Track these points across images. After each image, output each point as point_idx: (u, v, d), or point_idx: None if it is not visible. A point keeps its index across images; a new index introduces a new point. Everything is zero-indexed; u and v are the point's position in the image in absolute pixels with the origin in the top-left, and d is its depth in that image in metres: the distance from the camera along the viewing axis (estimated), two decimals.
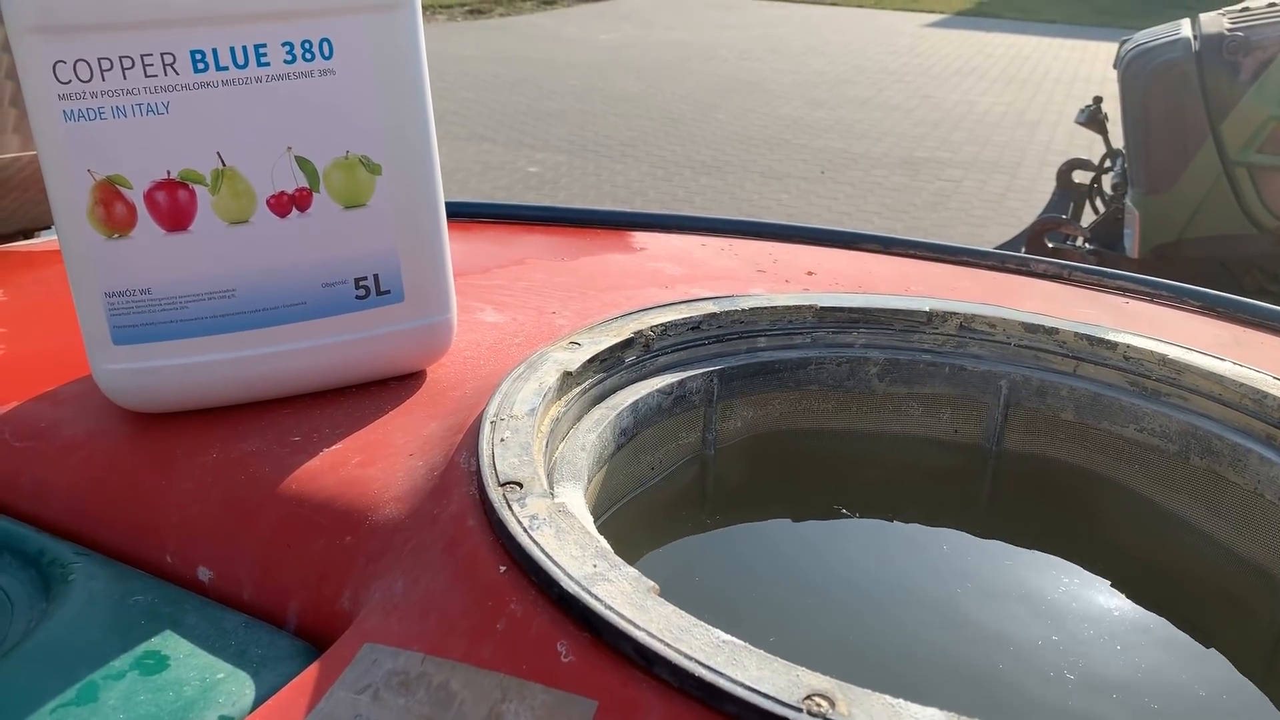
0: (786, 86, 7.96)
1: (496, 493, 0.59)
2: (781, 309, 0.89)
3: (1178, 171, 3.22)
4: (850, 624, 0.73)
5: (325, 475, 0.68)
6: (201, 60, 0.67)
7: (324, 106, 0.70)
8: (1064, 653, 0.68)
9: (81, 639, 0.59)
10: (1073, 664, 0.68)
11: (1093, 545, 0.81)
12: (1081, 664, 0.68)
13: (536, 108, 7.16)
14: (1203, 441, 0.79)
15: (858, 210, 5.11)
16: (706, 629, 0.49)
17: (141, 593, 0.64)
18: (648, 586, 0.52)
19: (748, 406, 0.88)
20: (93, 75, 0.65)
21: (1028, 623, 0.72)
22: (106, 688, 0.56)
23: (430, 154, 0.75)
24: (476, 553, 0.57)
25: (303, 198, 0.71)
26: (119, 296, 0.70)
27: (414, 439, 0.71)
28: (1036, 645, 0.69)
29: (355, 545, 0.63)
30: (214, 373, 0.73)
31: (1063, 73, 8.46)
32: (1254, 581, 0.75)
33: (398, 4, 0.70)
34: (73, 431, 0.74)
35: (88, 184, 0.67)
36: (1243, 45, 3.09)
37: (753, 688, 0.45)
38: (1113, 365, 0.84)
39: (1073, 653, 0.68)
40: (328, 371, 0.77)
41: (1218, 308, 1.01)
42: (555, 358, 0.77)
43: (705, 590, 0.75)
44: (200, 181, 0.69)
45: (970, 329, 0.89)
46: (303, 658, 0.59)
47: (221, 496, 0.68)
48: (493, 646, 0.52)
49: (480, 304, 0.95)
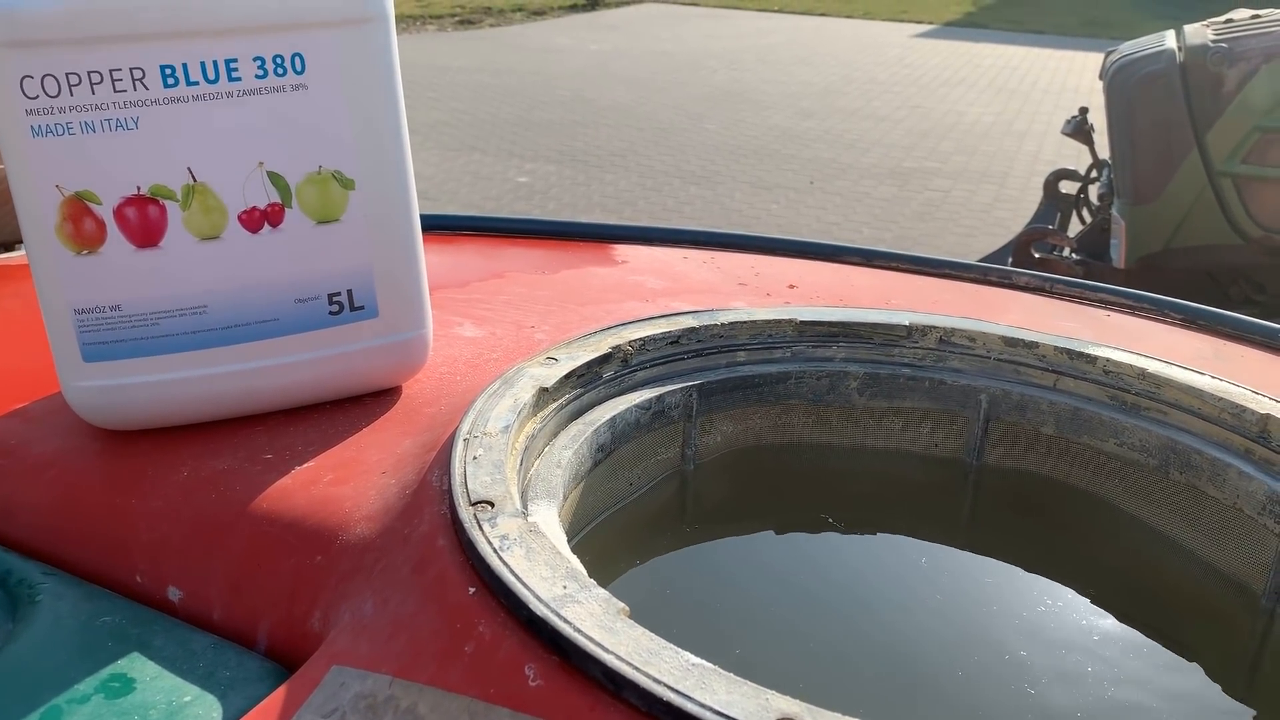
0: (775, 97, 7.98)
1: (467, 512, 0.59)
2: (761, 323, 0.88)
3: (1163, 182, 3.23)
4: (828, 640, 0.72)
5: (297, 494, 0.67)
6: (171, 75, 0.66)
7: (296, 121, 0.69)
8: (1043, 667, 0.68)
9: (47, 662, 0.58)
10: (1052, 678, 0.67)
11: (1072, 559, 0.81)
12: (1060, 678, 0.67)
13: (526, 118, 7.16)
14: (1182, 456, 0.78)
15: (846, 220, 5.12)
16: (676, 651, 0.49)
17: (109, 614, 0.63)
18: (618, 608, 0.51)
19: (727, 421, 0.88)
20: (61, 90, 0.64)
21: (1007, 637, 0.71)
22: (71, 712, 0.55)
23: (404, 168, 0.75)
24: (446, 573, 0.56)
25: (275, 213, 0.71)
26: (89, 313, 0.69)
27: (387, 457, 0.70)
28: (1015, 659, 0.69)
29: (326, 565, 0.62)
30: (185, 390, 0.72)
31: (1051, 83, 8.49)
32: (1233, 595, 0.75)
33: (370, 17, 0.70)
34: (42, 449, 0.73)
35: (56, 200, 0.67)
36: (1227, 56, 3.11)
37: (721, 712, 0.45)
38: (1093, 379, 0.84)
39: (1052, 667, 0.68)
40: (301, 388, 0.76)
41: (1198, 320, 1.00)
42: (531, 373, 0.76)
43: (683, 607, 0.75)
44: (171, 197, 0.68)
45: (950, 343, 0.89)
46: (271, 679, 0.58)
47: (192, 515, 0.67)
48: (461, 669, 0.51)
49: (458, 318, 0.94)
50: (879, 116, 7.36)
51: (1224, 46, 3.13)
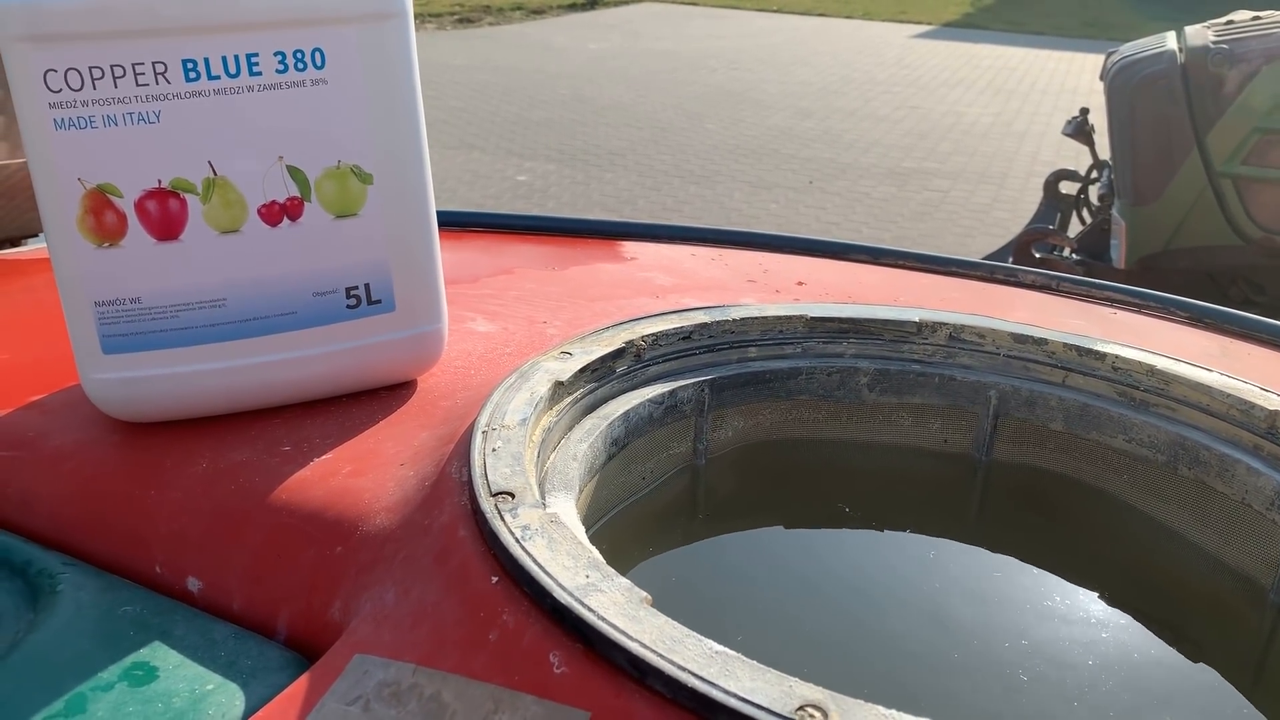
0: (775, 97, 7.99)
1: (488, 503, 0.59)
2: (772, 319, 0.89)
3: (1164, 183, 3.24)
4: (839, 634, 0.73)
5: (316, 485, 0.68)
6: (193, 69, 0.66)
7: (316, 116, 0.70)
8: (1050, 662, 0.69)
9: (69, 650, 0.59)
10: (1061, 674, 0.68)
11: (1081, 555, 0.81)
12: (1068, 673, 0.68)
13: (525, 116, 7.17)
14: (1191, 452, 0.79)
15: (845, 220, 5.13)
16: (699, 640, 0.49)
17: (130, 603, 0.64)
18: (640, 597, 0.52)
19: (738, 416, 0.88)
20: (84, 84, 0.65)
21: (1014, 632, 0.72)
22: (95, 699, 0.55)
23: (422, 163, 0.75)
24: (468, 563, 0.57)
25: (294, 207, 0.71)
26: (108, 306, 0.70)
27: (405, 449, 0.71)
28: (1021, 654, 0.69)
29: (346, 555, 0.63)
30: (204, 382, 0.73)
31: (1049, 84, 8.51)
32: (1241, 591, 0.76)
33: (390, 14, 0.71)
34: (61, 441, 0.74)
35: (78, 193, 0.67)
36: (1228, 58, 3.12)
37: (745, 698, 0.45)
38: (1101, 376, 0.85)
39: (1059, 662, 0.69)
40: (318, 381, 0.77)
41: (1205, 319, 1.01)
42: (547, 367, 0.77)
43: (696, 600, 0.75)
44: (191, 190, 0.69)
45: (960, 339, 0.89)
46: (292, 669, 0.59)
47: (211, 506, 0.68)
48: (485, 657, 0.52)
49: (471, 313, 0.94)
50: (878, 117, 7.37)
51: (1225, 48, 3.14)
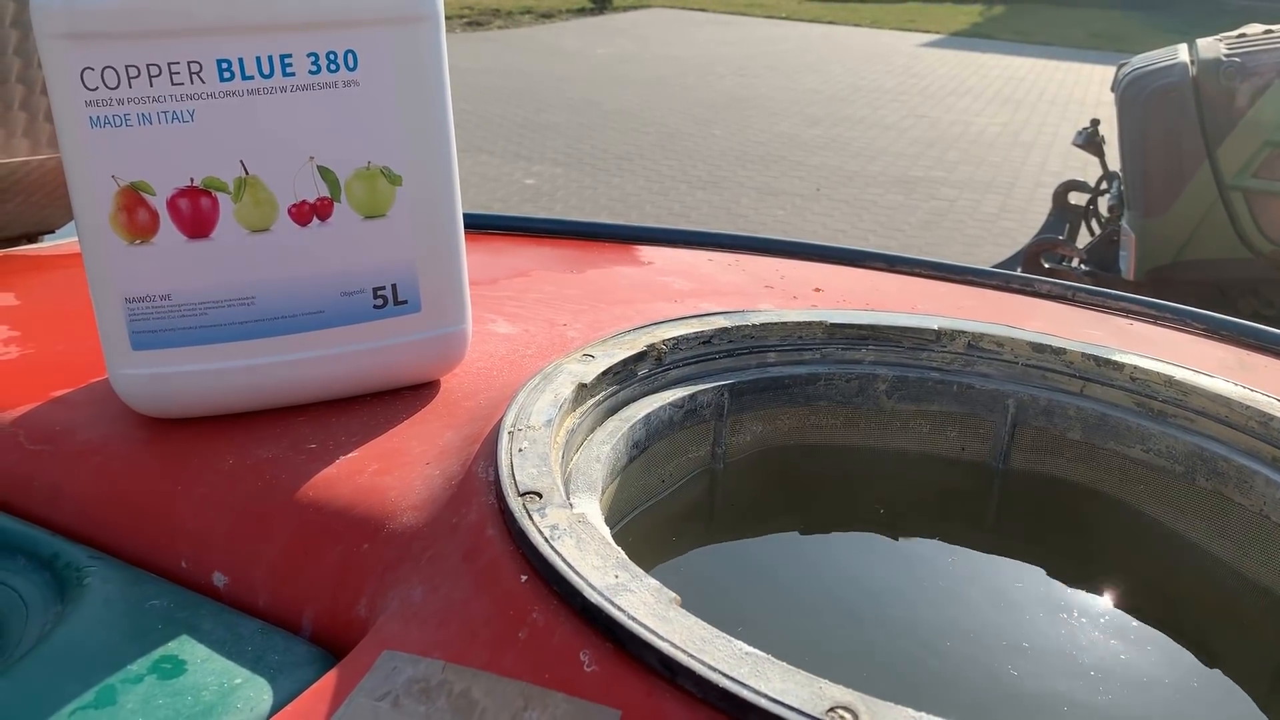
0: (783, 104, 8.00)
1: (516, 502, 0.60)
2: (792, 325, 0.89)
3: (1174, 195, 3.24)
4: (855, 639, 0.73)
5: (341, 483, 0.68)
6: (228, 69, 0.67)
7: (347, 117, 0.71)
8: (1066, 672, 0.69)
9: (98, 642, 0.59)
10: (1075, 682, 0.68)
11: (1098, 565, 0.81)
12: (1085, 682, 0.68)
13: (533, 120, 7.18)
14: (1209, 463, 0.79)
15: (853, 228, 5.13)
16: (729, 640, 0.50)
17: (157, 597, 0.64)
18: (670, 598, 0.52)
19: (757, 421, 0.89)
20: (120, 82, 0.65)
21: (1030, 641, 0.72)
22: (125, 691, 0.56)
23: (450, 166, 0.76)
24: (497, 561, 0.57)
25: (324, 207, 0.72)
26: (139, 302, 0.70)
27: (430, 448, 0.71)
28: (1037, 663, 0.70)
29: (372, 553, 0.63)
30: (231, 379, 0.73)
31: (1057, 94, 8.52)
32: (1260, 602, 0.76)
33: (422, 16, 0.71)
34: (88, 436, 0.74)
35: (111, 190, 0.68)
36: (1239, 71, 3.12)
37: (776, 699, 0.46)
38: (1119, 386, 0.85)
39: (1075, 671, 0.69)
40: (344, 380, 0.77)
41: (1222, 331, 1.02)
42: (570, 369, 0.77)
43: (714, 603, 0.75)
44: (223, 189, 0.69)
45: (978, 348, 0.90)
46: (319, 664, 0.59)
47: (237, 503, 0.68)
48: (514, 655, 0.52)
49: (492, 315, 0.95)
50: (885, 125, 7.38)
51: (1236, 61, 3.14)
